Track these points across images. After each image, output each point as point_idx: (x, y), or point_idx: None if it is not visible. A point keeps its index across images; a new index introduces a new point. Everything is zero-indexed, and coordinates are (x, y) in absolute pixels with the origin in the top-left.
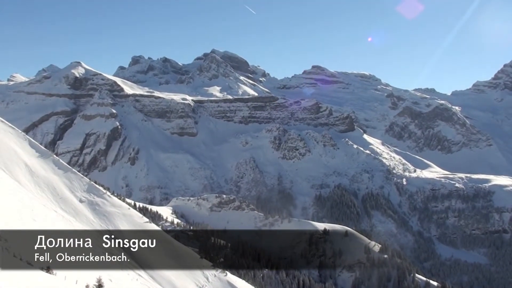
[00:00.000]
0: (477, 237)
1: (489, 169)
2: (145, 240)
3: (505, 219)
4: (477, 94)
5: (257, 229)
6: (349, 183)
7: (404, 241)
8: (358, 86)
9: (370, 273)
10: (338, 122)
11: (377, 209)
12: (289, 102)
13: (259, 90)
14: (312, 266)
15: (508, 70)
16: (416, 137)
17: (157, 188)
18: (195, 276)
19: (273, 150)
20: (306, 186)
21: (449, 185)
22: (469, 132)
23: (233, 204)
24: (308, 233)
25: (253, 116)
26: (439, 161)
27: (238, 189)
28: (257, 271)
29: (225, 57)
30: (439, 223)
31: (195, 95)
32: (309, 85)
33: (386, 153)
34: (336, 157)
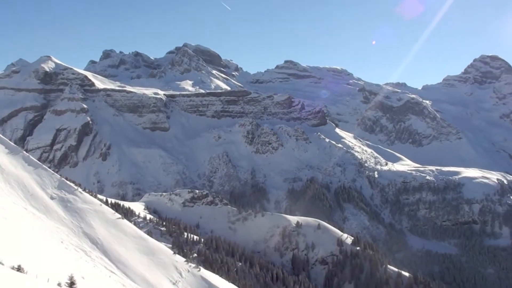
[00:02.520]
0: (447, 228)
1: (459, 161)
2: (117, 237)
3: (474, 210)
4: (447, 88)
5: (230, 224)
6: (321, 176)
7: (376, 233)
8: (330, 80)
9: (343, 265)
10: (310, 116)
11: (349, 202)
12: (262, 97)
13: (232, 84)
14: (285, 259)
15: (477, 65)
16: (388, 130)
17: (129, 184)
18: (169, 271)
19: (246, 144)
20: (279, 180)
21: (420, 178)
22: (439, 125)
23: (206, 199)
24: (281, 227)
25: (226, 111)
26: (410, 154)
27: (211, 184)
28: (231, 266)
29: (197, 51)
30: (411, 215)
31: (167, 89)
32: (282, 80)
33: (358, 146)
34: (309, 151)
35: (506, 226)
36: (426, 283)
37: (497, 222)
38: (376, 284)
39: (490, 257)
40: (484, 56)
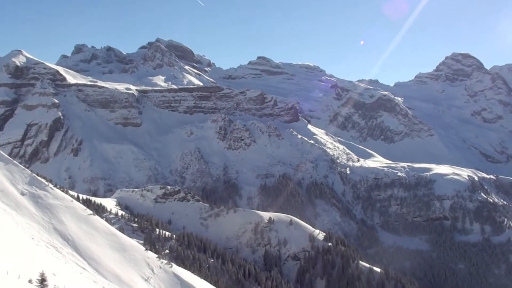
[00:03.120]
0: (418, 224)
1: (430, 158)
2: (89, 233)
3: (445, 207)
4: (419, 86)
5: (202, 220)
6: (293, 172)
7: (348, 229)
8: (302, 77)
9: (314, 261)
10: (283, 112)
11: (321, 198)
12: (235, 93)
13: (204, 80)
14: (257, 255)
15: (449, 62)
16: (360, 127)
17: (100, 180)
18: (141, 268)
19: (218, 140)
20: (252, 176)
21: (392, 174)
22: (411, 122)
23: (178, 195)
24: (254, 223)
25: (198, 106)
26: (382, 151)
27: (183, 180)
28: (203, 262)
29: (169, 46)
30: (382, 211)
31: (139, 84)
32: (255, 76)
33: (330, 143)
34: (281, 147)
35: (477, 222)
36: (397, 279)
37: (467, 218)
38: (348, 280)
39: (460, 252)
40: (455, 54)
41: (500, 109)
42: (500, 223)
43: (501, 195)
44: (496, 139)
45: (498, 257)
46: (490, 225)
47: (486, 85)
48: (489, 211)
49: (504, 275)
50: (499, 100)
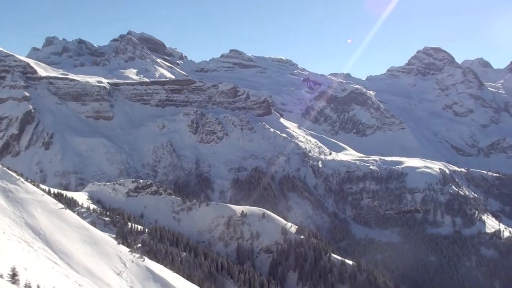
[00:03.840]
0: (390, 217)
1: (402, 151)
2: (60, 227)
3: (417, 199)
4: (391, 79)
5: (174, 214)
6: (266, 166)
7: (320, 222)
8: (275, 70)
9: (287, 253)
10: (255, 106)
11: (294, 191)
12: (207, 86)
13: (176, 73)
14: (230, 249)
15: (421, 56)
16: (332, 120)
17: (72, 174)
18: (113, 262)
19: (190, 133)
20: (224, 170)
21: (364, 167)
22: (383, 116)
23: (150, 189)
24: (226, 216)
25: (170, 100)
26: (354, 144)
27: (155, 174)
28: (175, 256)
29: (141, 39)
30: (354, 204)
31: (111, 77)
32: (227, 69)
33: (302, 136)
34: (254, 141)
35: (448, 215)
36: (369, 271)
37: (439, 211)
38: (320, 272)
39: (432, 245)
40: (427, 48)
41: (471, 103)
42: (471, 215)
43: (472, 188)
44: (467, 132)
45: (469, 249)
46: (461, 217)
47: (457, 79)
48: (460, 204)
49: (475, 267)
50: (470, 94)
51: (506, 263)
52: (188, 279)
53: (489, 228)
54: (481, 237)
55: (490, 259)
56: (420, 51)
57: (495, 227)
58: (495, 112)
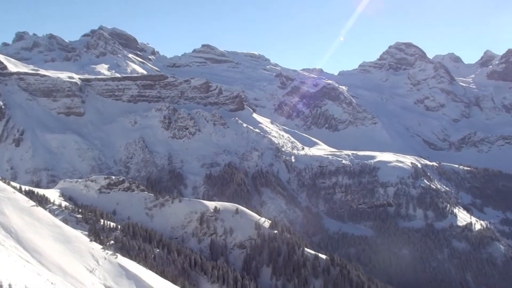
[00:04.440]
0: (363, 211)
1: (374, 146)
2: (32, 225)
3: (389, 193)
4: (363, 74)
5: (147, 210)
6: (239, 161)
7: (293, 217)
8: (247, 65)
9: (261, 249)
10: (228, 101)
11: (267, 186)
12: (179, 81)
13: (148, 68)
14: (203, 245)
15: (392, 51)
16: (304, 115)
17: (43, 170)
18: (85, 259)
19: (163, 129)
20: (197, 165)
21: (336, 162)
22: (355, 110)
23: (123, 185)
24: (199, 212)
25: (142, 95)
26: (327, 139)
27: (127, 170)
28: (148, 252)
29: (113, 34)
30: (327, 198)
31: (82, 73)
32: (199, 64)
33: (275, 131)
34: (226, 136)
35: (420, 208)
36: (342, 265)
37: (411, 204)
38: (294, 267)
39: (404, 238)
40: (399, 43)
41: (442, 98)
42: (442, 209)
43: (444, 181)
44: (439, 127)
45: (441, 242)
46: (433, 211)
47: (428, 74)
48: (432, 197)
49: (447, 259)
50: (442, 89)
51: (478, 256)
52: (161, 276)
53: (461, 221)
54: (453, 230)
55: (461, 252)
56: (392, 46)
57: (467, 220)
58: (466, 107)
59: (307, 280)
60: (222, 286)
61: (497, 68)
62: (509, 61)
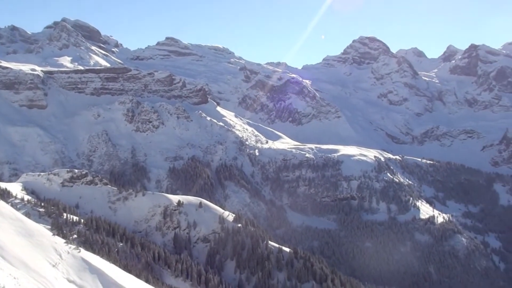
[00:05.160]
0: (326, 204)
1: (337, 139)
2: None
3: (353, 187)
4: (327, 68)
5: (110, 204)
6: (202, 155)
7: (257, 210)
8: (211, 58)
9: (224, 242)
10: (191, 94)
11: (231, 180)
12: (142, 74)
13: (111, 61)
14: (167, 239)
15: (356, 45)
16: (268, 109)
17: (5, 164)
18: (48, 253)
19: (126, 122)
20: (160, 159)
21: (300, 156)
22: (319, 104)
23: (86, 179)
24: (163, 206)
25: (106, 88)
26: (290, 133)
27: (90, 163)
28: (112, 246)
29: (76, 26)
30: (291, 191)
31: (45, 65)
32: (163, 57)
33: (239, 125)
34: (190, 129)
35: (383, 202)
36: (306, 258)
37: (374, 198)
38: (258, 260)
39: (367, 231)
40: (362, 38)
41: (405, 92)
42: (405, 202)
43: (406, 175)
44: (402, 120)
45: (404, 235)
46: (396, 204)
47: (392, 68)
48: (395, 191)
49: (409, 252)
50: (405, 83)
51: (440, 248)
52: (125, 270)
53: (423, 214)
54: (416, 223)
55: (424, 244)
56: (355, 40)
57: (429, 213)
58: (429, 101)
59: (270, 273)
60: (186, 280)
61: (460, 63)
62: (471, 56)
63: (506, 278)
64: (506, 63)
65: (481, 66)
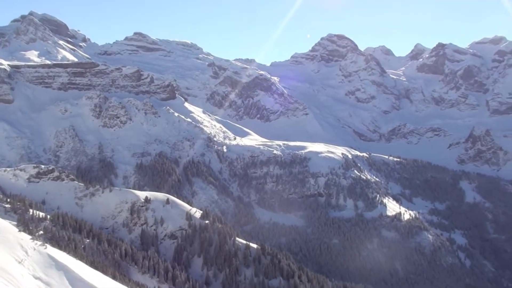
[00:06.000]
0: (294, 201)
1: (305, 136)
2: None
3: (320, 184)
4: (295, 66)
5: (77, 200)
6: (170, 151)
7: (225, 207)
8: (180, 54)
9: (192, 239)
10: (159, 90)
11: (198, 176)
12: (110, 69)
13: (79, 55)
14: (134, 235)
15: (324, 43)
16: (236, 106)
17: None
18: (14, 250)
19: (93, 118)
20: (127, 155)
21: (268, 152)
22: (287, 101)
23: (52, 175)
24: (130, 202)
25: (73, 83)
26: (258, 129)
27: (57, 159)
28: (78, 242)
29: (43, 20)
30: (258, 188)
31: (11, 59)
32: (131, 52)
33: (207, 121)
34: (158, 125)
35: (350, 199)
36: (273, 254)
37: (341, 194)
38: (225, 257)
39: (335, 228)
40: (331, 35)
41: (373, 90)
42: (372, 199)
43: (374, 172)
44: (369, 118)
45: (371, 232)
46: (363, 201)
47: (360, 66)
48: (362, 188)
49: (376, 248)
50: (372, 81)
51: (406, 245)
52: (92, 266)
53: (390, 211)
54: (383, 220)
55: (391, 241)
56: (324, 38)
57: (396, 210)
58: (396, 99)
59: (238, 270)
60: (153, 276)
61: (427, 61)
62: (439, 55)
63: (471, 274)
64: (473, 62)
65: (448, 65)
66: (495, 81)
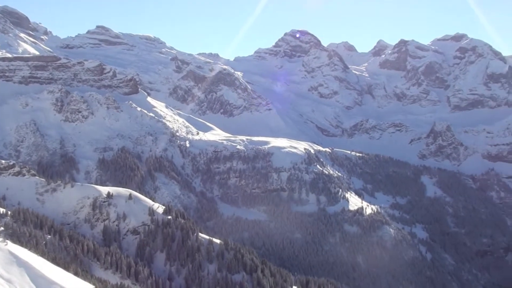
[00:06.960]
0: (257, 196)
1: (268, 131)
2: None
3: (283, 178)
4: (258, 61)
5: (38, 195)
6: (132, 146)
7: (187, 202)
8: (142, 48)
9: (154, 234)
10: (122, 84)
11: (161, 172)
12: (72, 63)
13: (40, 49)
14: (96, 231)
15: (288, 38)
16: (200, 100)
17: None
18: None
19: (55, 112)
20: (89, 150)
21: (231, 147)
22: (250, 96)
23: (13, 170)
24: (92, 198)
25: (34, 76)
26: (222, 124)
27: (18, 154)
28: (40, 239)
29: (3, 12)
30: (221, 183)
31: None
32: (93, 46)
33: (170, 116)
34: (120, 120)
35: (313, 193)
36: (236, 249)
37: (304, 189)
38: (188, 252)
39: (297, 222)
40: (294, 31)
41: (336, 85)
42: (335, 193)
43: (336, 167)
44: (332, 113)
45: (333, 226)
46: (326, 195)
47: (323, 62)
48: (324, 183)
49: (339, 243)
50: (335, 76)
51: (368, 239)
52: (53, 262)
53: (352, 206)
54: (345, 214)
55: (353, 235)
56: (287, 33)
57: (358, 205)
58: (359, 95)
59: (201, 265)
60: (115, 272)
61: (390, 58)
62: (401, 51)
63: (432, 267)
64: (434, 59)
65: (410, 61)
66: (456, 77)
